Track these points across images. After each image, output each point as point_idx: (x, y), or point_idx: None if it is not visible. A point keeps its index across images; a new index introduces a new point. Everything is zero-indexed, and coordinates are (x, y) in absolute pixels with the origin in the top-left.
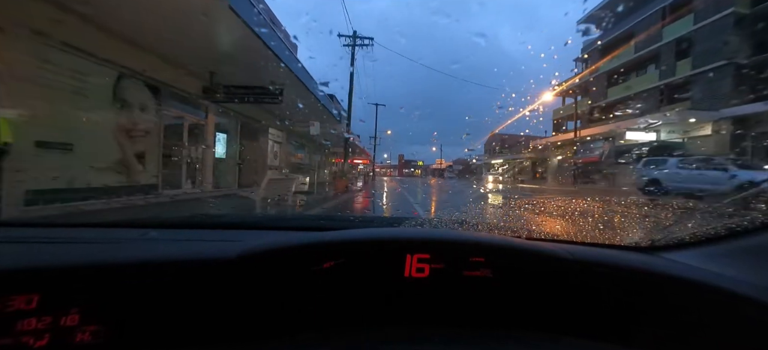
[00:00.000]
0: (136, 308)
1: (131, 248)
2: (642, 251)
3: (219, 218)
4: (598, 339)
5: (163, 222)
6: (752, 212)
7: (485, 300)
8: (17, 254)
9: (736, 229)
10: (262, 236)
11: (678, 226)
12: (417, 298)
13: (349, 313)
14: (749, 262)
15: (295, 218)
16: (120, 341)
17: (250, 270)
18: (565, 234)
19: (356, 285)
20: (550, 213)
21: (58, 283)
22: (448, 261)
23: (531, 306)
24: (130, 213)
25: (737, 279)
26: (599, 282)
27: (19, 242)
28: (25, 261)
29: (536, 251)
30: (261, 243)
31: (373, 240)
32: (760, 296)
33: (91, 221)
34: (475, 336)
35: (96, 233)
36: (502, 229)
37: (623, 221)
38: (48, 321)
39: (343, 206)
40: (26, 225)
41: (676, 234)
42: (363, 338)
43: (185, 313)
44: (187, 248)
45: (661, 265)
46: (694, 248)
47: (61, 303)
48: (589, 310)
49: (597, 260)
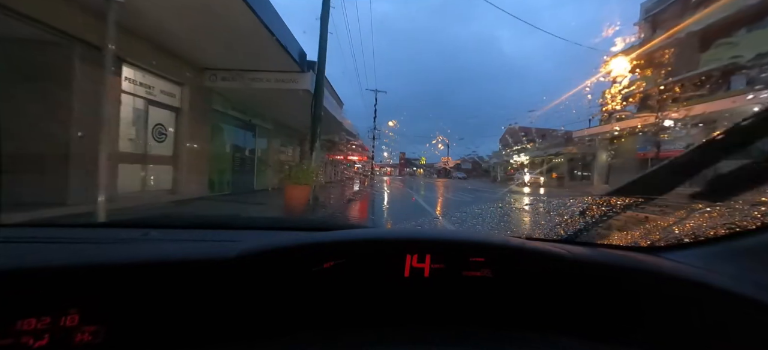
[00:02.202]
0: (136, 308)
1: (131, 249)
2: (642, 251)
3: (219, 219)
4: (598, 339)
5: (163, 222)
6: (752, 212)
7: (485, 300)
8: (17, 254)
9: (736, 229)
10: (262, 237)
11: (678, 226)
12: (417, 298)
13: (349, 313)
14: (749, 262)
15: (295, 219)
16: (120, 341)
17: (249, 270)
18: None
19: (356, 286)
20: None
21: (57, 283)
22: (448, 261)
23: (531, 306)
24: None
25: (737, 279)
26: (599, 282)
27: (20, 242)
28: (25, 261)
29: (536, 251)
30: (261, 243)
31: (372, 240)
32: (760, 296)
33: (91, 222)
34: (475, 336)
35: (96, 233)
36: (502, 229)
37: (623, 221)
38: (48, 321)
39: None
40: (26, 225)
41: (676, 234)
42: (363, 338)
43: (185, 313)
44: (186, 248)
45: (661, 265)
46: (694, 248)
47: (60, 303)
48: (589, 310)
49: (597, 260)
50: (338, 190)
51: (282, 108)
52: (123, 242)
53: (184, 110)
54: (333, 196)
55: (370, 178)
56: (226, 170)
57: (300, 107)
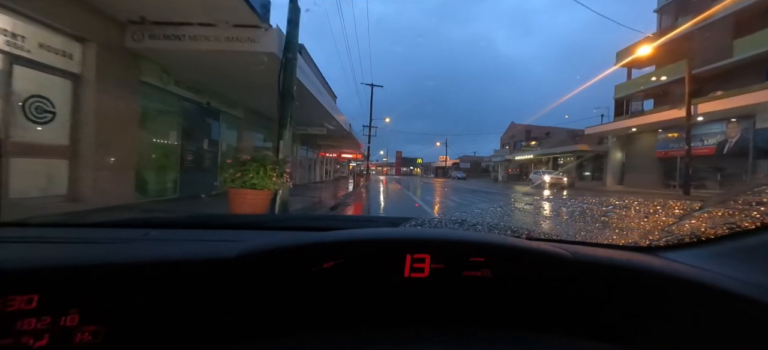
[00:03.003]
0: (136, 308)
1: (131, 249)
2: (642, 251)
3: (219, 218)
4: (598, 339)
5: (164, 222)
6: (752, 212)
7: (485, 300)
8: (17, 254)
9: (736, 229)
10: (262, 237)
11: (678, 226)
12: (417, 298)
13: (348, 313)
14: (749, 262)
15: (295, 218)
16: (120, 341)
17: (249, 270)
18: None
19: (356, 286)
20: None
21: (58, 283)
22: (448, 261)
23: (531, 306)
24: None
25: (737, 279)
26: (599, 282)
27: (19, 242)
28: (25, 261)
29: (536, 251)
30: (260, 243)
31: (372, 240)
32: (760, 296)
33: (91, 221)
34: (475, 336)
35: (96, 233)
36: (502, 229)
37: (623, 221)
38: (48, 321)
39: None
40: (26, 225)
41: (676, 234)
42: (362, 338)
43: (185, 313)
44: (187, 248)
45: (661, 265)
46: (694, 248)
47: (61, 303)
48: (590, 310)
49: (597, 260)
50: (325, 192)
51: (256, 90)
52: (123, 242)
53: (87, 78)
54: (315, 200)
55: (366, 178)
56: (169, 167)
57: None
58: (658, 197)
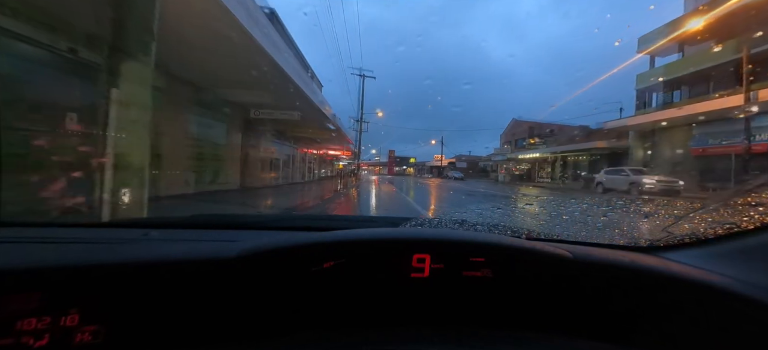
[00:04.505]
0: (136, 308)
1: (131, 249)
2: (642, 251)
3: (219, 218)
4: (598, 338)
5: (164, 222)
6: (752, 212)
7: (485, 299)
8: (17, 254)
9: (735, 229)
10: (262, 236)
11: (678, 226)
12: (417, 298)
13: (348, 313)
14: (749, 262)
15: (295, 218)
16: (120, 341)
17: (249, 269)
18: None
19: (356, 285)
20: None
21: (58, 283)
22: (448, 261)
23: (531, 306)
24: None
25: (737, 279)
26: (599, 282)
27: (19, 242)
28: (25, 261)
29: (536, 252)
30: (260, 243)
31: (372, 240)
32: (759, 296)
33: (91, 222)
34: (475, 336)
35: (96, 233)
36: (502, 229)
37: (623, 221)
38: (48, 321)
39: None
40: (26, 225)
41: (676, 234)
42: (362, 338)
43: (185, 313)
44: (187, 248)
45: (661, 265)
46: (694, 248)
47: (61, 303)
48: (590, 310)
49: (597, 260)
50: (294, 197)
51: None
52: (123, 242)
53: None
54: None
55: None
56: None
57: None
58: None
